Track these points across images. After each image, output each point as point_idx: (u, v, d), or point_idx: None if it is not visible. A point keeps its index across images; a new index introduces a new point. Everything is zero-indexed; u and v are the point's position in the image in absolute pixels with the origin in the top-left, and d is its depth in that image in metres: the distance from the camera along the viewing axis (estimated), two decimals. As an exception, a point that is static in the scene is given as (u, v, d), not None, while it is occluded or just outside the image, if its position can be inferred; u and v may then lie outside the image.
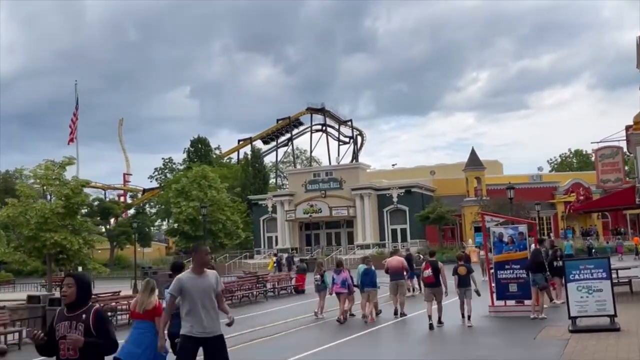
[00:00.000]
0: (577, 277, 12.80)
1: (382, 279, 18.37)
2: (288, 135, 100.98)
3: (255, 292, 25.58)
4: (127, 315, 14.40)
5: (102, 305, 17.50)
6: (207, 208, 27.03)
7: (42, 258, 27.00)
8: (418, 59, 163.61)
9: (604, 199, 20.63)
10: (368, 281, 16.62)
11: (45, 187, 27.19)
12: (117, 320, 19.28)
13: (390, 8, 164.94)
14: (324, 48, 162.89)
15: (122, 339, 7.07)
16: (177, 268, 9.08)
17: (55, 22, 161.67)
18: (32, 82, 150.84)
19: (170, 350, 8.17)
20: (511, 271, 16.32)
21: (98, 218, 60.45)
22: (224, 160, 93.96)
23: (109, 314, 18.52)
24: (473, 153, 66.66)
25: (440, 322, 14.77)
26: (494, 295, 16.63)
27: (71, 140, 35.53)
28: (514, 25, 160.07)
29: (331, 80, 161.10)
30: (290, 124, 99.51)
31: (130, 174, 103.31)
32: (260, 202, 69.30)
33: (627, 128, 21.20)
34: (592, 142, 23.72)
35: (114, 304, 19.97)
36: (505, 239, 16.38)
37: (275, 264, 44.40)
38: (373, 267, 17.21)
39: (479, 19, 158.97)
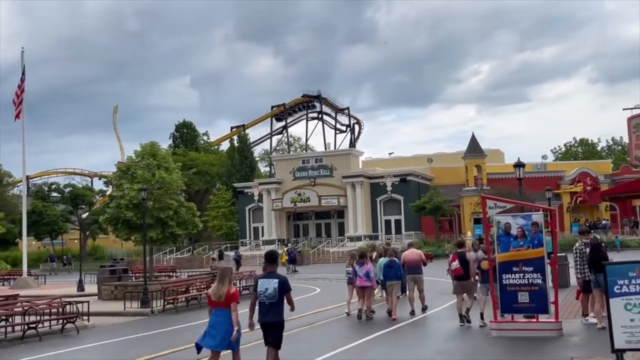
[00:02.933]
0: (625, 289, 8.53)
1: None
2: (283, 123, 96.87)
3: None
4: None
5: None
6: (156, 191, 22.57)
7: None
8: (419, 50, 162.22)
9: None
10: (393, 274, 16.10)
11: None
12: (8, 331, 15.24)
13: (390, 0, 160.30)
14: (324, 39, 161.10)
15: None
16: (273, 259, 9.07)
17: (54, 11, 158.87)
18: (30, 71, 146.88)
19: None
20: (521, 275, 12.05)
21: (79, 205, 56.33)
22: (216, 148, 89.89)
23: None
24: (473, 139, 62.21)
25: (467, 317, 13.78)
26: (498, 308, 12.40)
27: (17, 116, 30.97)
28: (516, 17, 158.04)
29: (332, 72, 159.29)
30: (285, 111, 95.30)
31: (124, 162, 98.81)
32: (246, 190, 64.96)
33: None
34: (624, 109, 19.35)
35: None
36: (514, 232, 12.10)
37: (287, 256, 41.92)
38: (397, 260, 16.62)
39: (480, 11, 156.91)
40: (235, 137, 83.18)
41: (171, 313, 19.83)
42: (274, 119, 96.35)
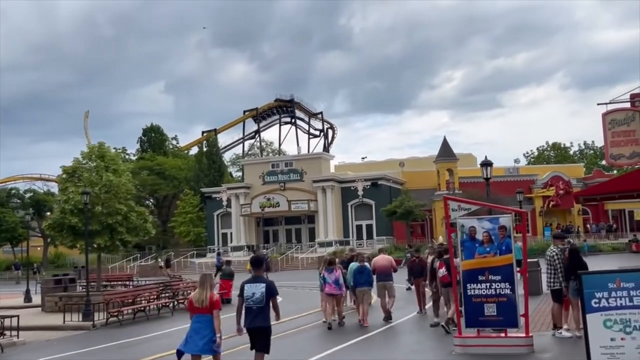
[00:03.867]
0: (604, 303, 7.30)
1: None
2: (255, 127, 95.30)
3: (158, 305, 19.70)
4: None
5: None
6: (104, 195, 20.96)
7: None
8: (394, 57, 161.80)
9: (619, 180, 14.86)
10: (363, 280, 15.68)
11: None
12: None
13: (365, 6, 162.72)
14: (299, 45, 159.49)
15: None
16: (259, 263, 9.18)
17: (27, 17, 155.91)
18: (4, 77, 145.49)
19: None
20: (488, 285, 10.79)
21: (31, 210, 54.05)
22: (186, 153, 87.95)
23: None
24: (445, 143, 61.37)
25: (453, 324, 12.61)
26: (462, 322, 11.14)
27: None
28: (489, 24, 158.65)
29: (307, 78, 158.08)
30: (257, 116, 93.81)
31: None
32: (214, 196, 63.20)
33: None
34: (598, 104, 18.03)
35: None
36: (480, 236, 10.85)
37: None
38: (368, 265, 16.07)
39: (454, 18, 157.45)
40: (204, 142, 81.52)
41: (115, 327, 18.23)
42: (246, 123, 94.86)
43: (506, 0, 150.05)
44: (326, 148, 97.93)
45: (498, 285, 10.72)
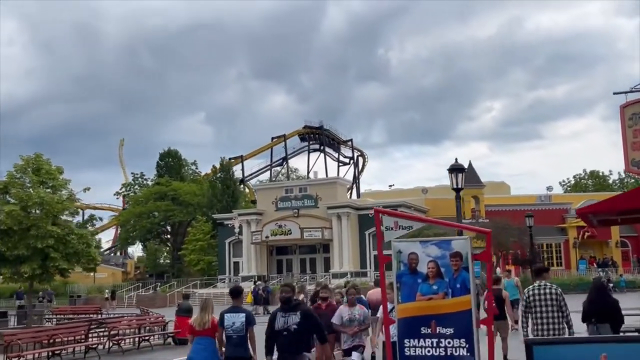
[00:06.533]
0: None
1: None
2: (283, 155, 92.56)
3: (85, 347, 16.27)
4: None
5: None
6: (33, 215, 17.88)
7: None
8: (431, 88, 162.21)
9: (626, 197, 10.78)
10: None
11: None
12: None
13: (402, 37, 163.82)
14: (337, 76, 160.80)
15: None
16: (237, 294, 9.32)
17: (71, 48, 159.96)
18: (47, 107, 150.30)
19: None
20: (435, 341, 7.15)
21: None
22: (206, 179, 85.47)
23: None
24: (470, 168, 57.21)
25: None
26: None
27: None
28: (529, 55, 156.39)
29: (344, 108, 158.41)
30: (285, 143, 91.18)
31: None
32: (226, 222, 60.08)
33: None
34: (615, 93, 14.29)
35: None
36: (424, 268, 7.27)
37: (254, 296, 38.65)
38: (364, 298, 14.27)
39: (493, 49, 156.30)
40: (239, 171, 79.13)
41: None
42: (274, 149, 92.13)
43: (546, 31, 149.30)
44: (356, 177, 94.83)
45: (449, 343, 7.08)
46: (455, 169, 14.79)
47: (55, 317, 27.25)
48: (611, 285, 40.93)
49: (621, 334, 11.71)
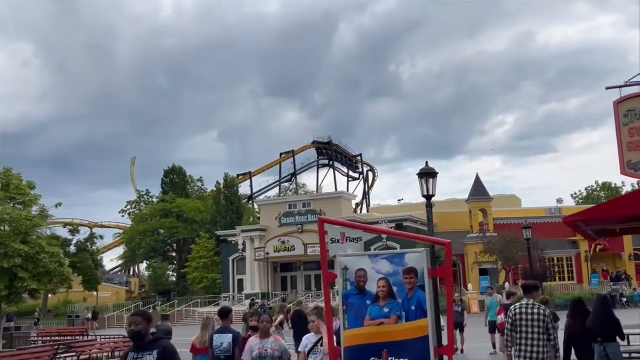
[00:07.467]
0: None
1: None
2: (292, 171, 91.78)
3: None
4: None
5: None
6: (0, 231, 16.92)
7: None
8: (443, 103, 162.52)
9: (618, 202, 9.43)
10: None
11: None
12: None
13: (414, 53, 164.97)
14: (349, 92, 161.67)
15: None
16: (225, 314, 9.33)
17: (85, 68, 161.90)
18: (63, 127, 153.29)
19: None
20: (386, 373, 6.05)
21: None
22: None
23: None
24: (477, 181, 56.00)
25: None
26: None
27: None
28: (540, 69, 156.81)
29: (356, 124, 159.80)
30: (294, 159, 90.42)
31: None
32: (229, 239, 59.11)
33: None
34: (607, 88, 13.30)
35: None
36: (373, 288, 6.18)
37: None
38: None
39: (504, 63, 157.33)
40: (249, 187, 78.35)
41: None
42: (283, 165, 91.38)
43: (557, 44, 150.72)
44: (366, 192, 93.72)
45: (404, 375, 5.98)
46: (426, 174, 13.43)
47: (41, 339, 26.26)
48: (624, 300, 39.44)
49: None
